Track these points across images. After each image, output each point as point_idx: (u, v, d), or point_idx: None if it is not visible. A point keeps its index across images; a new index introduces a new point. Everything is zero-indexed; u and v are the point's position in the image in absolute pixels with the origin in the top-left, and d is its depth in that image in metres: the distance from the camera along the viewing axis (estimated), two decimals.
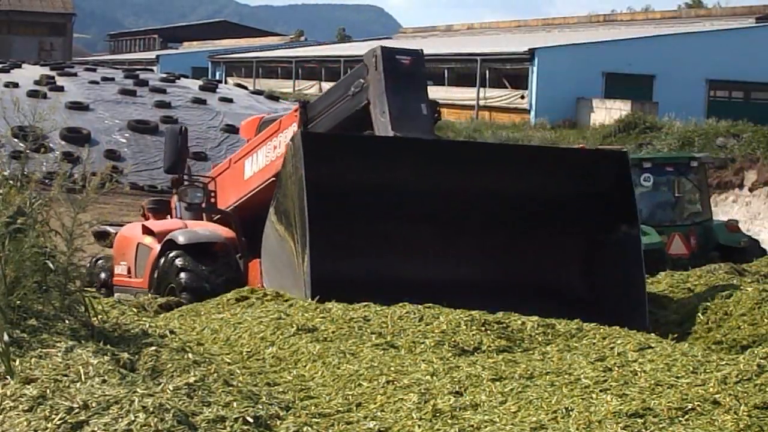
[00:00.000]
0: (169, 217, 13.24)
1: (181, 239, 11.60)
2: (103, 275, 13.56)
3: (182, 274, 11.28)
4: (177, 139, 12.88)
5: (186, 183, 12.88)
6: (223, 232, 11.99)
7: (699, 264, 14.41)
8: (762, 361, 6.05)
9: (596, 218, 9.97)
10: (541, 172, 10.33)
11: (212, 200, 12.64)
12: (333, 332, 7.78)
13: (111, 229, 14.23)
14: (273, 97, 47.00)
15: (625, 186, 10.11)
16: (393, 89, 10.53)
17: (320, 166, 9.13)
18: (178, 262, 11.39)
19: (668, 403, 5.55)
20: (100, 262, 13.87)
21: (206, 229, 12.13)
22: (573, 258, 10.19)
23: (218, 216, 12.64)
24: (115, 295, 12.42)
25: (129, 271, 12.72)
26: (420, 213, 10.00)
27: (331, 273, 9.22)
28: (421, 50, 11.06)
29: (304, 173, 8.99)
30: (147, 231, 12.45)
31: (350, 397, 6.23)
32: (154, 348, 6.50)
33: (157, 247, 11.88)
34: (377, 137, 10.52)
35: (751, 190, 27.17)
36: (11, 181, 7.01)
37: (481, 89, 46.61)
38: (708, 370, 6.22)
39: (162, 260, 11.65)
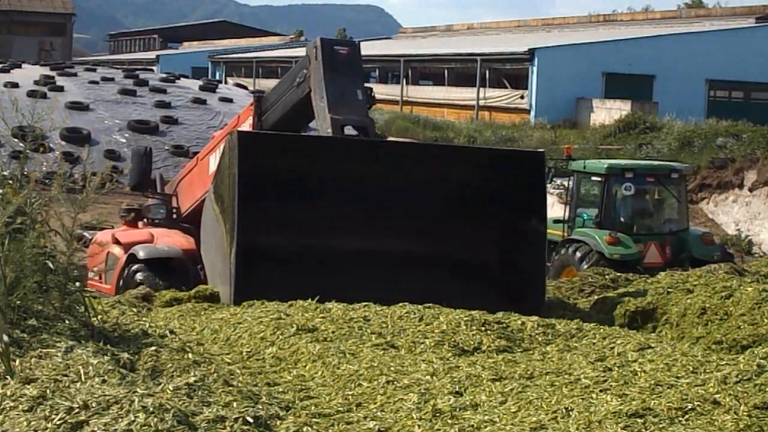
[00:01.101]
0: (141, 224, 14.20)
1: (141, 254, 12.59)
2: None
3: (141, 287, 12.00)
4: (142, 159, 14.13)
5: (151, 200, 14.08)
6: (184, 243, 12.89)
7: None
8: (762, 361, 6.05)
9: (510, 210, 10.84)
10: (463, 167, 11.26)
11: (173, 215, 13.83)
12: (333, 332, 7.78)
13: (87, 234, 14.82)
14: None
15: (538, 183, 10.96)
16: (331, 76, 11.39)
17: (251, 160, 9.94)
18: (138, 276, 12.42)
19: (668, 403, 5.55)
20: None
21: (166, 244, 13.01)
22: (486, 243, 11.02)
23: (182, 219, 13.73)
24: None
25: (100, 277, 13.45)
26: (346, 201, 10.76)
27: (256, 249, 10.13)
28: (358, 42, 12.16)
29: (237, 167, 9.84)
30: (116, 240, 13.33)
31: (350, 397, 6.23)
32: (154, 348, 6.50)
33: (124, 257, 12.90)
34: (305, 136, 11.80)
35: (751, 190, 27.17)
36: (11, 181, 7.00)
37: (481, 89, 46.62)
38: (708, 370, 6.22)
39: (126, 271, 12.69)
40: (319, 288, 9.30)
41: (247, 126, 12.67)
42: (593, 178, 16.84)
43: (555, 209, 18.33)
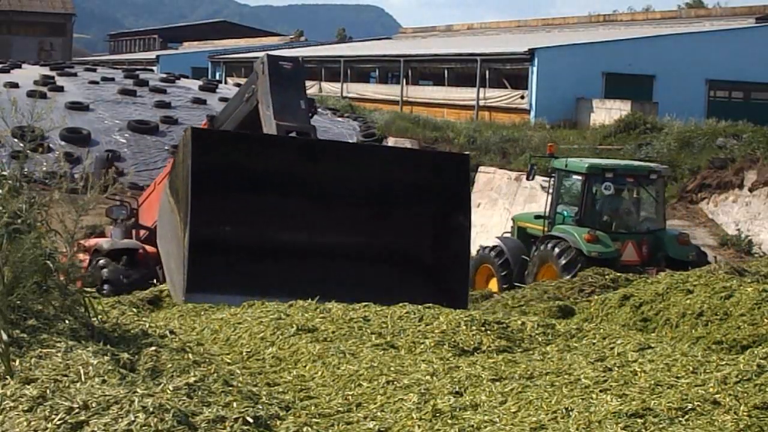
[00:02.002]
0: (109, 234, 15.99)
1: (105, 246, 14.90)
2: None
3: (104, 270, 14.23)
4: (105, 164, 15.08)
5: (114, 202, 15.47)
6: (146, 247, 14.61)
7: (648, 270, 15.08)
8: (762, 361, 6.05)
9: (437, 207, 11.68)
10: (395, 168, 12.09)
11: (137, 219, 15.43)
12: (333, 332, 7.78)
13: None
14: None
15: (463, 183, 12.06)
16: (276, 89, 12.63)
17: (204, 155, 10.65)
18: (102, 261, 14.49)
19: (668, 403, 5.55)
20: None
21: (129, 240, 15.03)
22: (416, 237, 11.87)
23: (145, 235, 15.02)
24: None
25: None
26: (290, 196, 11.57)
27: (207, 239, 10.78)
28: (300, 58, 13.79)
29: (190, 161, 10.51)
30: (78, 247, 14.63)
31: (350, 397, 6.23)
32: (154, 348, 6.50)
33: (87, 259, 14.50)
34: (251, 134, 12.56)
35: (751, 190, 27.16)
36: (10, 181, 7.00)
37: (481, 89, 46.61)
38: (708, 370, 6.22)
39: (92, 265, 14.40)
40: (265, 276, 10.60)
41: None
42: (574, 177, 17.19)
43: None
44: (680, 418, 5.40)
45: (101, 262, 14.56)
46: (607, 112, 40.09)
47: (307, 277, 10.83)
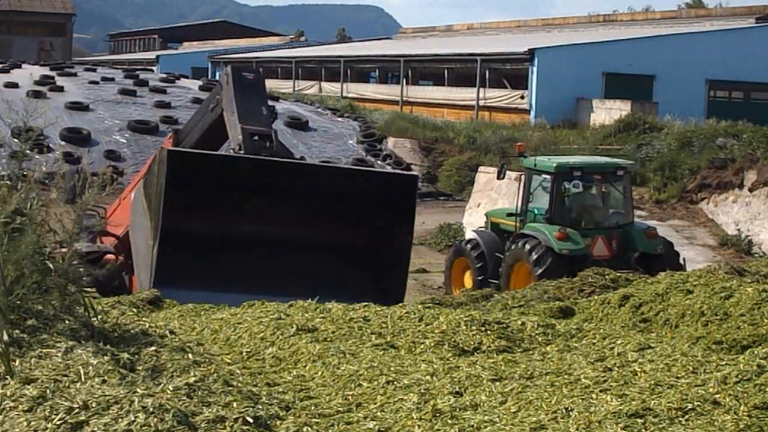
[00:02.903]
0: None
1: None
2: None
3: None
4: (74, 178, 15.91)
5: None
6: (113, 255, 15.18)
7: (619, 266, 15.92)
8: (762, 361, 6.04)
9: (386, 219, 13.48)
10: (350, 186, 13.82)
11: (107, 227, 15.89)
12: (333, 332, 7.78)
13: None
14: (273, 97, 46.99)
15: (410, 200, 13.76)
16: (240, 96, 13.99)
17: (177, 174, 12.16)
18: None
19: (668, 403, 5.55)
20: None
21: (95, 245, 15.57)
22: (363, 243, 13.53)
23: (114, 244, 15.86)
24: None
25: None
26: (252, 210, 13.04)
27: (175, 244, 12.18)
28: (261, 71, 15.85)
29: (165, 179, 12.00)
30: None
31: (350, 397, 6.22)
32: (154, 348, 6.50)
33: None
34: (223, 156, 13.94)
35: (751, 190, 27.16)
36: (9, 181, 7.00)
37: (481, 89, 46.61)
38: (708, 370, 6.21)
39: None
40: (227, 278, 12.16)
41: None
42: (543, 176, 17.50)
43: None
44: (680, 418, 5.40)
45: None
46: (607, 112, 40.09)
47: (269, 273, 12.60)
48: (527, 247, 16.77)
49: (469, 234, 19.60)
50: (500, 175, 19.34)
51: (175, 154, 13.15)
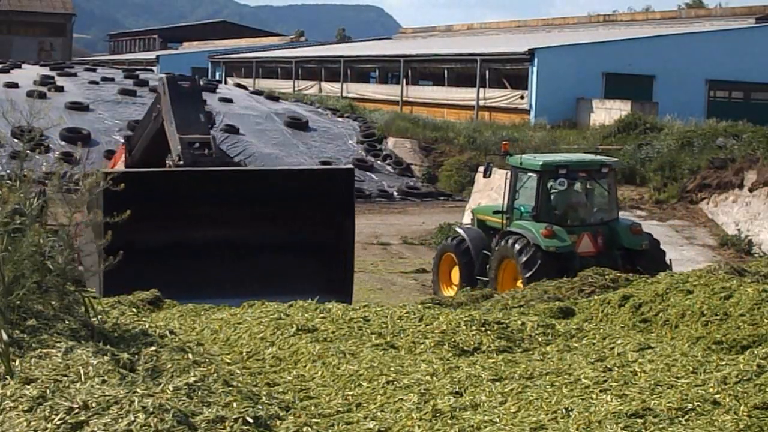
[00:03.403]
0: None
1: None
2: None
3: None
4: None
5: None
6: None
7: (605, 262, 16.22)
8: (762, 361, 6.04)
9: (328, 213, 14.01)
10: (292, 184, 14.51)
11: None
12: (333, 332, 7.78)
13: None
14: (273, 97, 47.01)
15: (349, 193, 14.23)
16: (176, 105, 14.51)
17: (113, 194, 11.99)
18: None
19: (668, 403, 5.55)
20: None
21: None
22: (309, 235, 14.08)
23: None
24: None
25: None
26: (203, 205, 13.46)
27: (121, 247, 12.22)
28: (197, 76, 16.46)
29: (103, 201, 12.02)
30: None
31: (350, 397, 6.22)
32: (154, 348, 6.50)
33: None
34: (154, 171, 14.35)
35: (751, 190, 27.15)
36: (8, 181, 7.00)
37: (481, 89, 46.61)
38: (708, 370, 6.21)
39: None
40: (176, 285, 11.94)
41: (121, 163, 16.47)
42: (529, 174, 17.69)
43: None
44: (680, 418, 5.40)
45: None
46: (607, 112, 40.09)
47: (219, 277, 13.12)
48: (514, 244, 16.96)
49: (455, 231, 19.77)
50: (486, 174, 19.85)
51: (109, 174, 13.81)
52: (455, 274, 18.81)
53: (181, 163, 14.21)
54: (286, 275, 13.48)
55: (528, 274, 16.32)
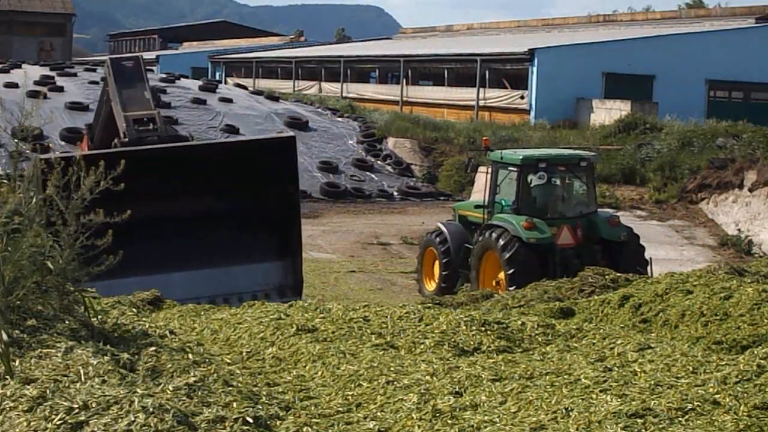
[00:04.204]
0: None
1: None
2: None
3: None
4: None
5: None
6: None
7: (584, 254, 17.18)
8: (762, 361, 6.04)
9: (272, 180, 14.22)
10: (236, 155, 14.57)
11: None
12: (333, 332, 7.78)
13: None
14: (273, 97, 47.03)
15: (291, 160, 14.39)
16: (121, 85, 14.81)
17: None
18: None
19: (668, 403, 5.55)
20: None
21: None
22: (255, 203, 14.23)
23: None
24: None
25: None
26: (144, 189, 13.08)
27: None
28: (140, 55, 16.08)
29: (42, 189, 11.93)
30: None
31: (350, 397, 6.22)
32: (154, 348, 6.50)
33: None
34: (90, 153, 14.30)
35: (751, 190, 27.16)
36: (6, 181, 7.00)
37: (481, 89, 46.62)
38: (708, 370, 6.21)
39: None
40: (132, 264, 11.62)
41: (85, 149, 16.93)
42: (510, 168, 18.11)
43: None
44: (680, 418, 5.40)
45: None
46: (607, 112, 40.09)
47: (163, 252, 13.17)
48: (496, 236, 17.34)
49: (436, 226, 20.17)
50: (467, 169, 20.65)
51: (46, 162, 13.70)
52: (437, 268, 19.15)
53: (126, 140, 14.38)
54: (233, 247, 13.83)
55: (509, 265, 16.77)
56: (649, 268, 17.48)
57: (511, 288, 16.13)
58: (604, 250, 17.40)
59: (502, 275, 17.12)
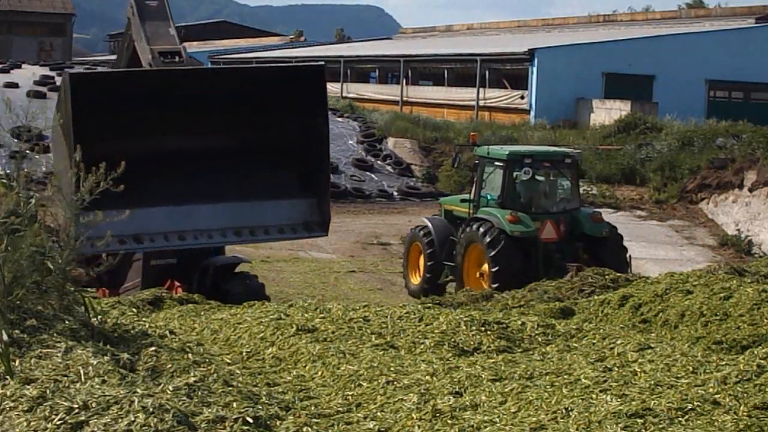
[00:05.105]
0: None
1: None
2: None
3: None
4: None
5: None
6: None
7: (566, 249, 17.46)
8: (762, 361, 6.05)
9: (301, 112, 13.33)
10: (257, 82, 13.78)
11: None
12: (333, 332, 7.78)
13: None
14: None
15: (320, 89, 13.49)
16: (145, 22, 14.62)
17: (83, 99, 11.77)
18: None
19: (668, 403, 5.55)
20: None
21: None
22: (283, 140, 13.47)
23: None
24: None
25: None
26: (166, 118, 12.88)
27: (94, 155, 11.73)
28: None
29: (71, 103, 11.60)
30: None
31: (350, 397, 6.22)
32: (154, 348, 6.50)
33: None
34: (126, 71, 14.43)
35: (751, 190, 27.16)
36: (5, 181, 7.00)
37: (481, 89, 46.61)
38: (708, 370, 6.21)
39: None
40: (148, 189, 11.82)
41: None
42: (496, 163, 18.45)
43: None
44: (680, 418, 5.40)
45: None
46: (607, 112, 40.08)
47: (180, 189, 12.64)
48: (481, 230, 17.60)
49: (421, 221, 20.49)
50: (455, 164, 21.05)
51: (78, 76, 13.28)
52: (422, 261, 19.39)
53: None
54: (260, 182, 13.23)
55: (493, 258, 17.02)
56: (629, 264, 17.85)
57: (495, 280, 16.59)
58: (586, 246, 17.68)
59: (485, 267, 17.43)
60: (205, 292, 13.93)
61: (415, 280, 19.51)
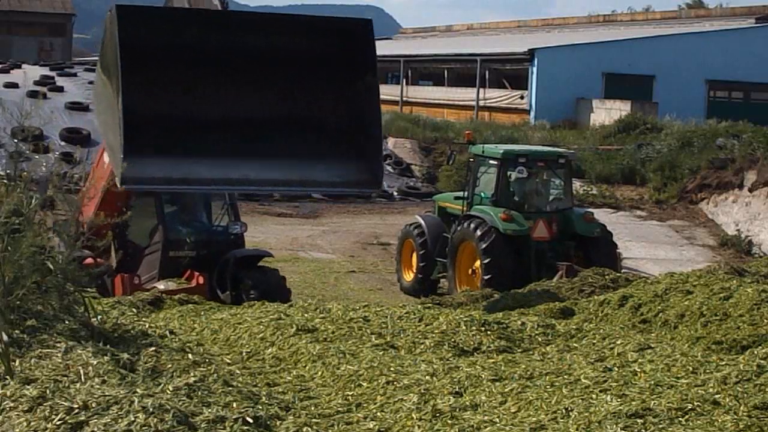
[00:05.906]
0: None
1: None
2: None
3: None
4: (45, 185, 15.53)
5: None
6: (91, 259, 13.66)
7: (558, 248, 17.52)
8: (762, 361, 6.04)
9: (348, 69, 12.30)
10: (303, 34, 12.81)
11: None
12: (333, 332, 7.78)
13: None
14: None
15: (369, 45, 12.32)
16: None
17: (130, 30, 11.24)
18: None
19: (668, 403, 5.55)
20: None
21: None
22: (331, 100, 12.58)
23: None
24: None
25: None
26: (211, 64, 12.21)
27: (139, 106, 11.29)
28: None
29: (117, 36, 11.05)
30: None
31: (350, 397, 6.22)
32: (154, 348, 6.50)
33: None
34: (175, 9, 13.86)
35: (751, 190, 27.15)
36: (5, 181, 7.00)
37: (481, 89, 46.60)
38: (708, 370, 6.21)
39: None
40: (191, 142, 11.55)
41: None
42: (490, 162, 18.55)
43: None
44: (680, 418, 5.40)
45: None
46: (607, 113, 40.08)
47: (229, 144, 11.92)
48: (473, 226, 17.68)
49: (414, 218, 20.74)
50: (449, 161, 21.43)
51: (126, 8, 12.43)
52: (415, 258, 19.50)
53: None
54: (310, 141, 12.32)
55: (485, 255, 17.07)
56: (618, 263, 17.95)
57: (486, 277, 16.62)
58: (578, 246, 17.75)
59: (477, 264, 17.48)
60: (225, 285, 13.73)
61: (408, 276, 19.66)
